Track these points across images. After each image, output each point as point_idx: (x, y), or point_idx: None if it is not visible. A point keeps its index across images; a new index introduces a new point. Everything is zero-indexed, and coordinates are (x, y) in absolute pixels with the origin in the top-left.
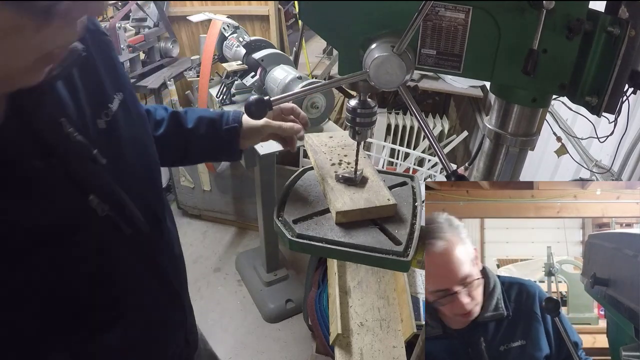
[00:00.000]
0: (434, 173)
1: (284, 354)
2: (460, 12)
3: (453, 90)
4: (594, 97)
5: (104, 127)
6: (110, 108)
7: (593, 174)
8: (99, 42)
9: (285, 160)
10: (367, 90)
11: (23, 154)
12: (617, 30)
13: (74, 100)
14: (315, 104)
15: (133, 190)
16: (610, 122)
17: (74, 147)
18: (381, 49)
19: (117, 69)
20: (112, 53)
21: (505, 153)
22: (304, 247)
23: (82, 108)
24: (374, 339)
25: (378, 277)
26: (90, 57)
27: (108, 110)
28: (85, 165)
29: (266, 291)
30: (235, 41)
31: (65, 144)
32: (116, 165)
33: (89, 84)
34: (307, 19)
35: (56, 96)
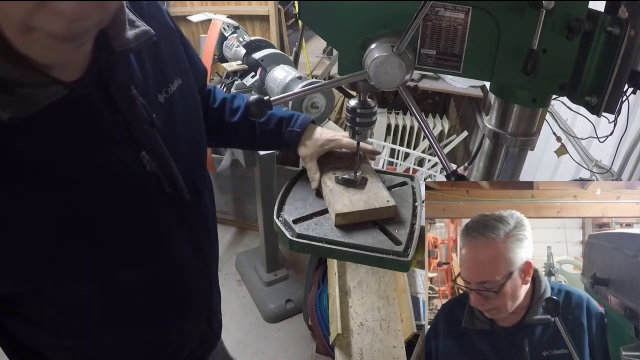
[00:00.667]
0: (434, 173)
1: (284, 354)
2: (460, 12)
3: (453, 90)
4: (593, 97)
5: (162, 101)
6: (170, 87)
7: (593, 174)
8: (166, 34)
9: (285, 160)
10: (367, 90)
11: (96, 106)
12: (617, 30)
13: (142, 73)
14: (315, 104)
15: (179, 159)
16: (610, 122)
17: (136, 108)
18: (381, 49)
19: (180, 59)
20: (178, 46)
21: (505, 153)
22: (304, 247)
23: (148, 81)
24: (374, 339)
25: (378, 277)
26: (157, 44)
27: (168, 89)
28: (143, 125)
29: (266, 291)
30: (235, 41)
31: (131, 104)
32: (168, 134)
33: (155, 65)
34: (307, 19)
35: (128, 66)
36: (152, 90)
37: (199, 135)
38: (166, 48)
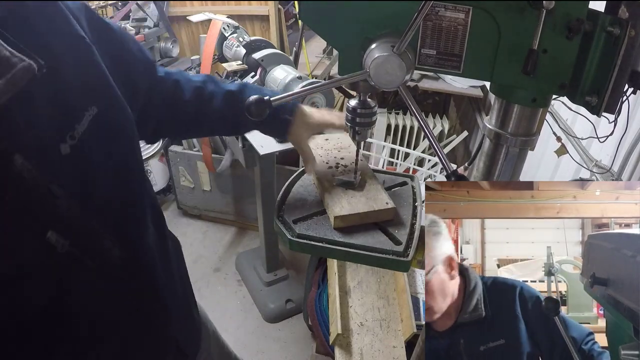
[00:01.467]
0: (434, 173)
1: (284, 354)
2: (460, 12)
3: (453, 90)
4: (594, 97)
5: (68, 152)
6: (76, 129)
7: (593, 174)
8: (75, 50)
9: (285, 160)
10: (367, 90)
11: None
12: (617, 30)
13: (33, 126)
14: (315, 104)
15: (104, 216)
16: (610, 122)
17: (27, 183)
18: (381, 49)
19: (97, 76)
20: (93, 58)
21: (505, 153)
22: (304, 247)
23: (42, 134)
24: (374, 339)
25: (378, 277)
26: (56, 71)
27: (74, 132)
28: (42, 201)
29: (266, 291)
30: (235, 41)
31: (18, 181)
32: (83, 192)
33: (53, 103)
34: (307, 19)
35: (8, 127)
36: (50, 145)
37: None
38: (75, 69)
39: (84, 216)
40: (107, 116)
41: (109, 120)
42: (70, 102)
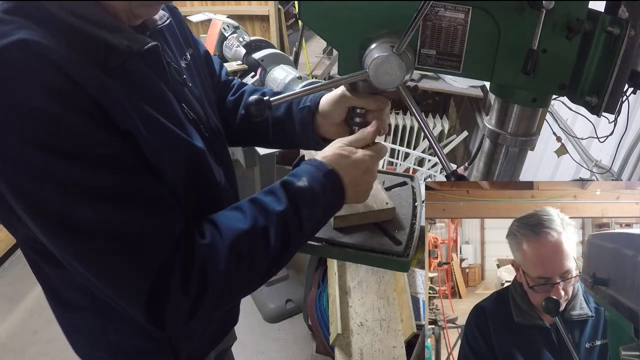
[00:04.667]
0: (434, 173)
1: (284, 354)
2: (460, 12)
3: (453, 90)
4: (593, 97)
5: (184, 65)
6: (187, 55)
7: (593, 174)
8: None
9: (285, 160)
10: (367, 90)
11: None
12: (617, 30)
13: (168, 45)
14: None
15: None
16: (610, 122)
17: (171, 71)
18: (381, 49)
19: (186, 34)
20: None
21: (505, 153)
22: (304, 247)
23: (173, 50)
24: (374, 339)
25: (378, 277)
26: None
27: (186, 56)
28: (178, 84)
29: (266, 291)
30: (235, 41)
31: (167, 68)
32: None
33: (174, 38)
34: (307, 19)
35: (161, 39)
36: (178, 57)
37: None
38: (177, 24)
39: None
40: (197, 57)
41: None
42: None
